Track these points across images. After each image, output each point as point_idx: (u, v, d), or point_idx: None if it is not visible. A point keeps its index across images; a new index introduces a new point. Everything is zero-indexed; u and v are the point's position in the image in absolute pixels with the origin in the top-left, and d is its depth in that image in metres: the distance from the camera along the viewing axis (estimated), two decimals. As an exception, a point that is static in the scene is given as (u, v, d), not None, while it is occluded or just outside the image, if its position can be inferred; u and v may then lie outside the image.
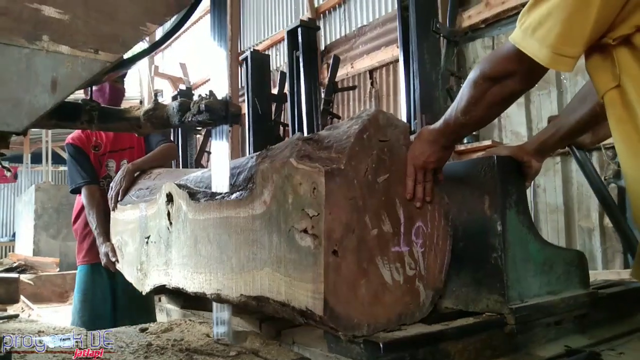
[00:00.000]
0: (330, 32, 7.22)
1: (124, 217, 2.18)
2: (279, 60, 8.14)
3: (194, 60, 10.44)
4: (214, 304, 1.54)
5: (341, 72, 6.79)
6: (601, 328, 1.47)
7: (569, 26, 0.97)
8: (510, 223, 1.31)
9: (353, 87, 5.60)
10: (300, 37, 2.60)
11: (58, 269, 7.10)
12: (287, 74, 2.73)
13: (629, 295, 1.60)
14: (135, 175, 2.43)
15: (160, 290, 1.77)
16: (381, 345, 1.07)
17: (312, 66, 2.68)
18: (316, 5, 7.36)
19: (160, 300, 2.28)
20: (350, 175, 1.12)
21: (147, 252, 1.83)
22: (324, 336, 1.23)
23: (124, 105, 2.08)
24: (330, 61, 6.96)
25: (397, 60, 5.85)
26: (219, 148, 1.48)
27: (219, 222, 1.38)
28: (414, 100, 1.55)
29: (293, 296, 1.13)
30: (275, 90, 4.52)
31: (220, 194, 1.40)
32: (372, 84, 6.05)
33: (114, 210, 2.31)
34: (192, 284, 1.51)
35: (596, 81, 1.07)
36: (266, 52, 7.98)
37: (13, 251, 10.86)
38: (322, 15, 7.31)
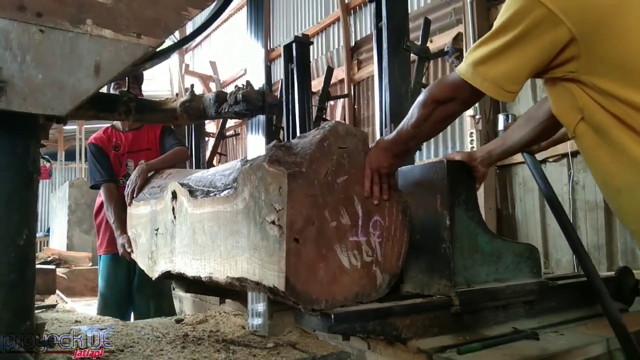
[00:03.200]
0: (360, 28, 7.56)
1: (137, 212, 2.61)
2: (310, 55, 8.55)
3: (223, 59, 11.03)
4: (249, 296, 1.78)
5: (371, 68, 7.11)
6: (551, 314, 1.77)
7: (508, 69, 1.24)
8: (459, 218, 1.63)
9: (345, 95, 6.15)
10: (294, 52, 2.98)
11: (90, 264, 7.68)
12: (284, 85, 3.11)
13: (580, 286, 1.88)
14: (150, 175, 2.86)
15: (168, 276, 2.17)
16: (332, 317, 1.42)
17: (305, 77, 3.07)
18: (346, 1, 7.70)
19: (174, 289, 2.70)
20: (311, 177, 1.47)
21: (156, 243, 2.24)
22: (294, 311, 1.59)
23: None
24: (361, 57, 7.37)
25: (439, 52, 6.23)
26: (255, 142, 1.62)
27: (211, 215, 1.76)
28: (384, 110, 1.88)
29: (264, 276, 1.48)
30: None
31: (214, 191, 1.77)
32: (402, 79, 6.32)
33: (129, 205, 2.75)
34: (190, 269, 1.89)
35: (563, 119, 1.31)
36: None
37: (47, 246, 11.60)
38: (352, 11, 7.66)
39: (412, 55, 1.98)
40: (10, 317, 1.08)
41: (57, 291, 4.82)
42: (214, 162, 4.57)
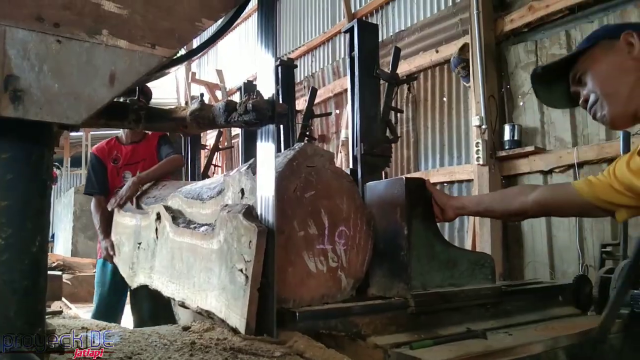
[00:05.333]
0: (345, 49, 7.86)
1: (123, 222, 2.99)
2: (314, 66, 8.98)
3: (229, 67, 11.45)
4: None
5: (377, 78, 7.42)
6: (505, 317, 2.06)
7: None
8: (416, 228, 1.93)
9: (328, 114, 6.90)
10: (280, 74, 3.30)
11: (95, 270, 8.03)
12: None
13: (537, 292, 2.17)
14: (145, 187, 3.21)
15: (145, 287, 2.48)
16: (297, 314, 1.72)
17: (290, 97, 3.40)
18: (353, 10, 8.05)
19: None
20: (281, 192, 1.78)
21: (138, 256, 2.59)
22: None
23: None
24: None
25: (435, 65, 6.51)
26: (265, 150, 1.64)
27: (189, 246, 2.05)
28: (356, 131, 2.18)
29: (229, 316, 1.73)
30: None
31: (194, 223, 2.07)
32: (409, 89, 6.61)
33: (111, 209, 3.12)
34: (166, 289, 2.20)
35: None
36: (302, 57, 8.92)
37: (52, 252, 11.98)
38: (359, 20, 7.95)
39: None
40: (23, 323, 1.11)
41: (62, 297, 5.13)
42: (209, 173, 4.94)
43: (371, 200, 2.03)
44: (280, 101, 3.20)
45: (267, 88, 1.64)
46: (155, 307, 3.42)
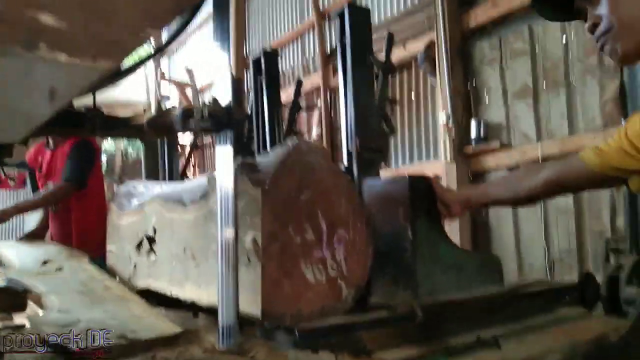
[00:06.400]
0: (335, 35, 7.59)
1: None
2: (284, 64, 8.52)
3: (200, 65, 10.97)
4: (220, 312, 1.70)
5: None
6: (514, 322, 1.81)
7: None
8: (421, 230, 1.67)
9: (312, 107, 6.74)
10: (263, 65, 3.00)
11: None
12: (253, 97, 3.13)
13: (544, 294, 1.93)
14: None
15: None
16: (296, 333, 1.44)
17: (274, 89, 3.09)
18: (322, 7, 7.73)
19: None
20: (273, 194, 1.49)
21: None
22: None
23: (130, 110, 2.47)
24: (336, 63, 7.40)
25: (403, 62, 6.28)
26: (224, 152, 1.55)
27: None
28: (350, 124, 1.91)
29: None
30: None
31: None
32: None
33: None
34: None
35: None
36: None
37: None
38: (327, 17, 7.67)
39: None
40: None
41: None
42: (188, 173, 4.56)
43: (369, 200, 1.75)
44: (265, 93, 2.93)
45: (224, 94, 1.55)
46: None
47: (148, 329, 1.69)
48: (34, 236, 3.00)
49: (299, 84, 3.63)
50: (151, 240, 2.02)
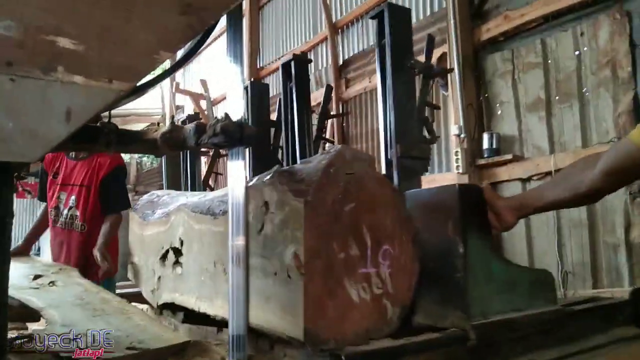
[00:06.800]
0: (347, 47, 7.52)
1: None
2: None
3: (214, 77, 10.85)
4: (230, 328, 1.66)
5: (359, 87, 7.07)
6: (569, 343, 1.64)
7: None
8: (472, 245, 1.50)
9: (345, 114, 6.41)
10: (293, 70, 2.84)
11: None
12: (282, 103, 2.96)
13: (598, 312, 1.76)
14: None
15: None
16: (343, 358, 1.27)
17: (304, 95, 2.92)
18: (334, 20, 7.68)
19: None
20: (317, 206, 1.33)
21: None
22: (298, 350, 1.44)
23: (145, 120, 2.38)
24: (348, 76, 7.31)
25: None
26: (236, 167, 1.55)
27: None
28: (389, 130, 1.75)
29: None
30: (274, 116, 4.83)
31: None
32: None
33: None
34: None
35: None
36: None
37: (37, 263, 11.34)
38: (339, 30, 7.63)
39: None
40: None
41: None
42: (210, 181, 4.38)
43: (413, 212, 1.58)
44: (295, 99, 2.76)
45: (236, 110, 1.54)
46: None
47: (155, 338, 1.61)
48: (19, 253, 2.88)
49: (329, 89, 3.46)
50: (177, 252, 1.86)
